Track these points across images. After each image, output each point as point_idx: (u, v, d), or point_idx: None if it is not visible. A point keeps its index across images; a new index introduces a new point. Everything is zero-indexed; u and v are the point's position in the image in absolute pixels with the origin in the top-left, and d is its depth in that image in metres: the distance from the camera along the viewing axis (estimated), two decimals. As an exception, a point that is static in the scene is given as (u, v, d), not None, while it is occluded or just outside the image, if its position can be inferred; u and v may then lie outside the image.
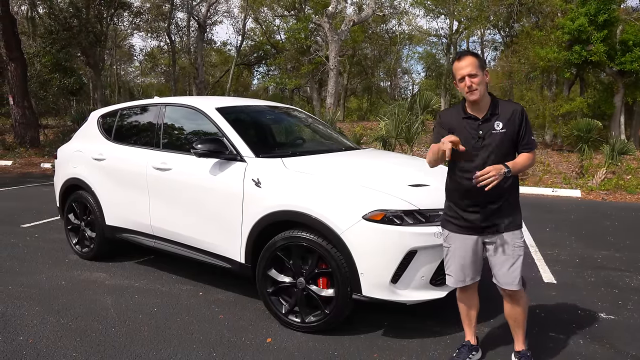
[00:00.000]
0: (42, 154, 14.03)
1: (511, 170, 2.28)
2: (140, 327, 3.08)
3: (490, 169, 2.23)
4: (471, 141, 2.35)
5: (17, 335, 2.96)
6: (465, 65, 2.33)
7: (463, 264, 2.47)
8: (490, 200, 2.35)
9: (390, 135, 10.25)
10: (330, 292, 2.90)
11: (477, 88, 2.31)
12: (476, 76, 2.31)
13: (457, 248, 2.47)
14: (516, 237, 2.40)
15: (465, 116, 2.39)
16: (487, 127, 2.35)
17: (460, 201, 2.43)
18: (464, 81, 2.33)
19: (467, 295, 2.61)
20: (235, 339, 2.93)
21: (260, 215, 3.08)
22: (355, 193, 2.88)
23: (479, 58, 2.38)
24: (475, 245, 2.44)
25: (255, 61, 29.25)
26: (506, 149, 2.35)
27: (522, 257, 2.41)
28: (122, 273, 4.13)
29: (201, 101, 3.94)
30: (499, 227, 2.39)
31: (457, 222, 2.46)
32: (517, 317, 2.51)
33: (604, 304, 3.51)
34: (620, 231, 5.82)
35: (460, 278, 2.51)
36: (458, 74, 2.36)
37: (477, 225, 2.40)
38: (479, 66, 2.33)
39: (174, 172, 3.65)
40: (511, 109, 2.37)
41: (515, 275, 2.39)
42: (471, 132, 2.37)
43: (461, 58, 2.36)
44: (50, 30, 17.80)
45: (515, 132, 2.36)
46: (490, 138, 2.34)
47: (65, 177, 4.61)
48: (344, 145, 4.25)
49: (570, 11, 13.48)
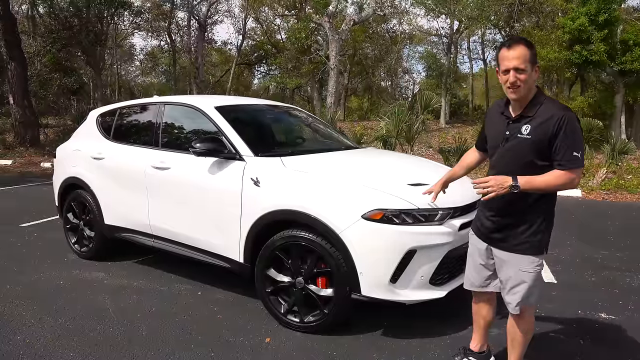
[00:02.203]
0: (42, 154, 14.02)
1: (520, 186, 1.92)
2: (138, 327, 3.07)
3: (491, 178, 1.98)
4: (498, 141, 2.11)
5: (15, 335, 2.95)
6: (513, 57, 1.92)
7: (474, 267, 2.34)
8: (505, 213, 2.10)
9: (390, 135, 10.24)
10: (329, 291, 2.88)
11: (520, 85, 1.94)
12: (524, 72, 1.93)
13: (472, 249, 2.36)
14: (525, 262, 2.08)
15: (502, 112, 2.12)
16: (514, 129, 2.03)
17: (483, 202, 2.20)
18: (507, 74, 1.96)
19: (478, 302, 2.45)
20: (233, 338, 2.91)
21: (259, 215, 3.07)
22: (354, 192, 2.87)
23: (532, 49, 1.96)
24: (486, 253, 2.26)
25: (255, 61, 29.24)
26: (529, 160, 1.98)
27: (529, 284, 2.08)
28: (120, 272, 4.12)
29: (200, 100, 3.93)
30: (502, 243, 2.14)
31: (477, 224, 2.31)
32: (514, 337, 2.27)
33: (605, 303, 3.49)
34: (621, 231, 5.80)
35: (469, 280, 2.39)
36: (503, 64, 1.97)
37: (487, 234, 2.21)
38: (529, 60, 1.93)
39: (173, 171, 3.63)
40: (550, 114, 1.94)
41: (514, 299, 2.13)
42: (500, 131, 2.10)
43: (511, 46, 1.95)
44: (50, 29, 17.80)
45: (546, 142, 1.93)
46: (513, 142, 2.02)
47: (64, 176, 4.59)
48: (343, 145, 4.24)
49: (571, 11, 13.48)
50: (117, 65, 30.22)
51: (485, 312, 2.45)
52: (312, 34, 20.91)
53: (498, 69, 2.05)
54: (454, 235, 2.78)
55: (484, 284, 2.34)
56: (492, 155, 2.17)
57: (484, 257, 2.27)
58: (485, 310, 2.45)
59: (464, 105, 27.17)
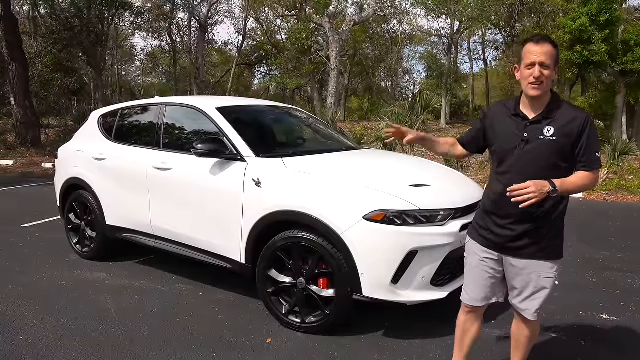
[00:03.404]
0: (44, 154, 14.04)
1: (558, 189, 1.85)
2: (140, 327, 3.08)
3: (531, 184, 1.82)
4: (513, 143, 1.98)
5: (17, 335, 2.96)
6: (541, 52, 1.88)
7: (479, 280, 2.13)
8: (527, 219, 1.96)
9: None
10: (330, 292, 2.89)
11: (544, 82, 1.90)
12: (549, 68, 1.90)
13: (476, 262, 2.13)
14: (546, 268, 2.02)
15: (515, 113, 2.01)
16: (535, 131, 1.94)
17: (492, 209, 2.06)
18: (532, 68, 1.90)
19: (470, 318, 2.24)
20: (235, 339, 2.92)
21: (260, 215, 3.07)
22: (355, 193, 2.87)
23: (557, 49, 1.96)
24: (497, 263, 2.10)
25: (256, 61, 29.25)
26: (552, 162, 1.93)
27: (549, 290, 2.04)
28: (122, 273, 4.13)
29: (202, 101, 3.94)
30: (522, 251, 2.02)
31: (481, 232, 2.11)
32: (520, 339, 2.21)
33: (606, 304, 3.49)
34: (622, 232, 5.80)
35: (472, 296, 2.17)
36: (529, 58, 1.91)
37: (503, 243, 2.04)
38: (555, 58, 1.92)
39: (175, 172, 3.64)
40: (572, 116, 1.93)
41: (533, 305, 2.06)
42: (516, 133, 1.98)
43: (539, 42, 1.91)
44: (51, 30, 17.83)
45: (570, 144, 1.91)
46: (534, 144, 1.94)
47: (65, 177, 4.60)
48: (344, 145, 4.24)
49: (572, 11, 13.47)
50: (117, 66, 30.26)
51: (475, 331, 2.26)
52: (313, 34, 20.92)
53: (518, 66, 1.99)
54: (455, 236, 2.78)
55: (489, 296, 2.17)
56: (503, 159, 2.03)
57: (494, 268, 2.11)
58: (475, 328, 2.26)
59: (465, 105, 27.17)
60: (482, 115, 2.20)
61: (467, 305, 2.21)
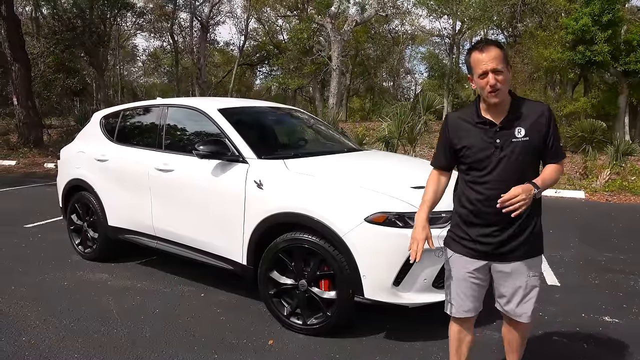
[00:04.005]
0: (46, 154, 14.06)
1: (541, 189, 1.87)
2: (142, 328, 3.08)
3: (520, 191, 1.80)
4: (486, 152, 1.92)
5: (20, 336, 2.97)
6: (489, 59, 1.84)
7: (467, 291, 2.07)
8: (509, 222, 1.92)
9: (392, 136, 10.23)
10: (332, 294, 2.89)
11: (500, 88, 1.86)
12: (502, 73, 1.85)
13: (459, 274, 2.07)
14: (534, 265, 2.01)
15: (480, 121, 1.95)
16: (506, 135, 1.90)
17: (473, 220, 2.00)
18: (485, 77, 1.86)
19: (463, 328, 2.19)
20: (237, 341, 2.92)
21: (262, 217, 3.07)
22: (357, 195, 2.87)
23: (503, 50, 1.90)
24: (483, 270, 2.05)
25: (257, 61, 29.27)
26: (528, 161, 1.93)
27: (538, 287, 2.04)
28: (124, 274, 4.13)
29: (203, 102, 3.94)
30: (514, 254, 1.98)
31: (464, 243, 2.05)
32: (513, 342, 2.20)
33: (609, 307, 3.48)
34: (625, 233, 5.78)
35: (465, 307, 2.10)
36: (479, 67, 1.87)
37: (489, 251, 2.00)
38: (504, 60, 1.87)
39: (176, 174, 3.64)
40: (536, 111, 1.92)
41: (527, 308, 2.04)
42: (487, 141, 1.92)
43: (484, 49, 1.86)
44: (54, 30, 17.88)
45: (540, 139, 1.91)
46: (508, 148, 1.90)
47: (67, 178, 4.61)
48: (346, 147, 4.24)
49: (574, 11, 13.44)
50: (119, 66, 30.34)
51: (470, 339, 2.22)
52: (314, 34, 20.92)
53: (471, 76, 1.95)
54: (457, 238, 2.77)
55: (478, 306, 2.13)
56: (478, 168, 1.96)
57: (481, 276, 2.06)
58: (470, 337, 2.21)
59: (466, 105, 27.06)
60: (447, 128, 2.06)
61: (459, 318, 2.16)
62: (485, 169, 1.94)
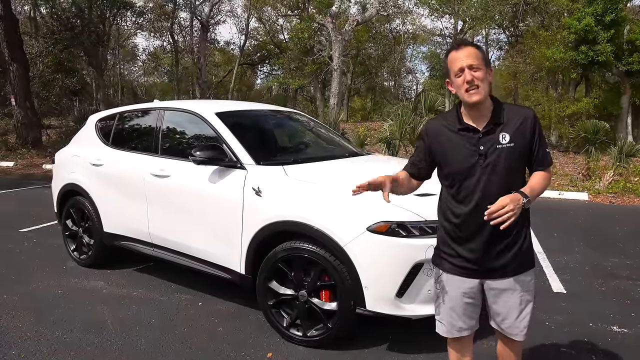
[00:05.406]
0: (44, 155, 13.99)
1: (530, 199, 1.77)
2: (137, 340, 2.99)
3: (507, 201, 1.70)
4: (471, 160, 1.82)
5: (10, 348, 2.88)
6: (464, 56, 1.79)
7: (460, 311, 1.95)
8: (498, 235, 1.81)
9: (394, 137, 10.14)
10: (333, 305, 2.80)
11: (479, 85, 1.77)
12: (479, 69, 1.78)
13: (451, 292, 1.94)
14: (527, 280, 1.91)
15: (462, 127, 1.85)
16: (490, 141, 1.81)
17: (460, 234, 1.89)
18: (462, 75, 1.79)
19: (460, 346, 2.06)
20: (234, 353, 2.83)
21: (260, 225, 2.98)
22: (358, 203, 2.76)
23: (481, 50, 1.85)
24: (477, 288, 1.93)
25: (258, 61, 29.18)
26: (513, 168, 1.83)
27: (532, 302, 1.94)
28: (120, 281, 4.04)
29: (201, 106, 3.85)
30: (507, 269, 1.87)
31: (453, 261, 1.93)
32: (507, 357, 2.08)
33: (616, 315, 3.39)
34: (630, 236, 5.68)
35: (455, 327, 1.98)
36: (455, 65, 1.81)
37: (480, 269, 1.89)
38: (482, 59, 1.81)
39: (173, 180, 3.55)
40: (520, 116, 1.84)
41: (524, 325, 1.93)
42: (470, 149, 1.82)
43: (459, 47, 1.82)
44: (52, 30, 17.79)
45: (526, 145, 1.83)
46: (493, 155, 1.80)
47: (62, 183, 4.52)
48: (347, 151, 4.14)
49: (577, 11, 13.32)
50: (119, 66, 30.24)
51: (470, 352, 2.10)
52: (315, 34, 20.84)
53: (449, 79, 1.87)
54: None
55: (475, 323, 2.01)
56: (463, 179, 1.85)
57: (474, 295, 1.94)
58: (469, 349, 2.09)
59: (468, 105, 26.96)
60: (425, 135, 1.97)
61: (454, 338, 2.03)
62: (470, 178, 1.84)
